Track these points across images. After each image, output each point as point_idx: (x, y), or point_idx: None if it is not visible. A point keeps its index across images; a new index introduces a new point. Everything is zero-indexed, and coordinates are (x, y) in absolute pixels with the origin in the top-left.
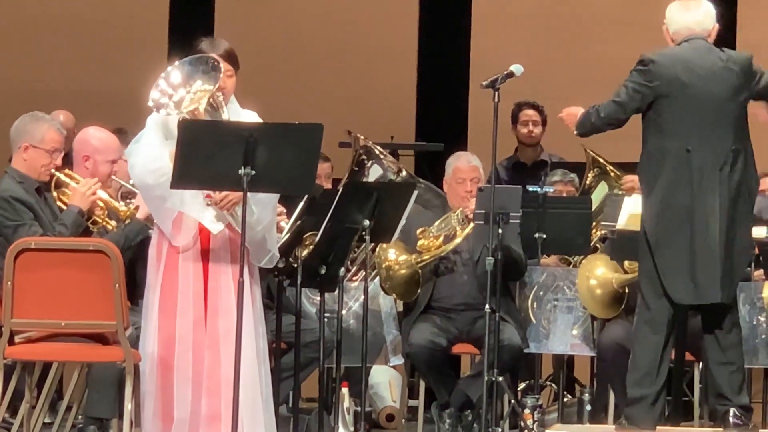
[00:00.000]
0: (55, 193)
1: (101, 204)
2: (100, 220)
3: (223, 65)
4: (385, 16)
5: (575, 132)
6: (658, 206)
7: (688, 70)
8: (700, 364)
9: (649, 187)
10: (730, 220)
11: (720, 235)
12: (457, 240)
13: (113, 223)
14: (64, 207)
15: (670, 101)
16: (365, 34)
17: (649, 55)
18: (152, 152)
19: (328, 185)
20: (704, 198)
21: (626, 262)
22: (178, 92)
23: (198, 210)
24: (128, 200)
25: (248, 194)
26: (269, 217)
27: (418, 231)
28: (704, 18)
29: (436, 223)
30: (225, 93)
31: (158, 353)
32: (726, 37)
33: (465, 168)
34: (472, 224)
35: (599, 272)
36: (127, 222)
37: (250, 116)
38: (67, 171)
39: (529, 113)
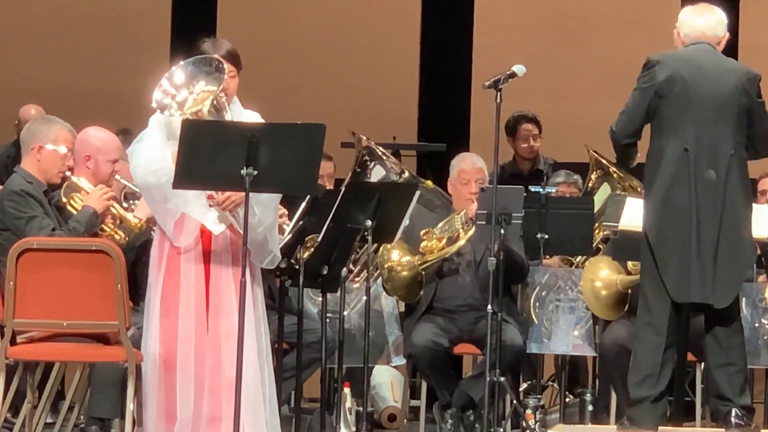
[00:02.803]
0: (64, 199)
1: (114, 212)
2: (109, 230)
3: (226, 66)
4: (387, 17)
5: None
6: (658, 204)
7: (691, 70)
8: (702, 364)
9: (649, 186)
10: (730, 225)
11: (717, 238)
12: (461, 242)
13: (121, 233)
14: (74, 211)
15: (671, 100)
16: (368, 34)
17: (654, 56)
18: (154, 153)
19: (330, 185)
20: (703, 198)
21: (630, 263)
22: (180, 93)
23: (200, 211)
24: (131, 201)
25: (250, 195)
26: (271, 218)
27: (422, 232)
28: (716, 24)
29: (440, 224)
30: (227, 94)
31: (160, 353)
32: (728, 37)
33: (469, 169)
34: (474, 227)
35: (603, 274)
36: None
37: (252, 117)
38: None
39: (529, 127)
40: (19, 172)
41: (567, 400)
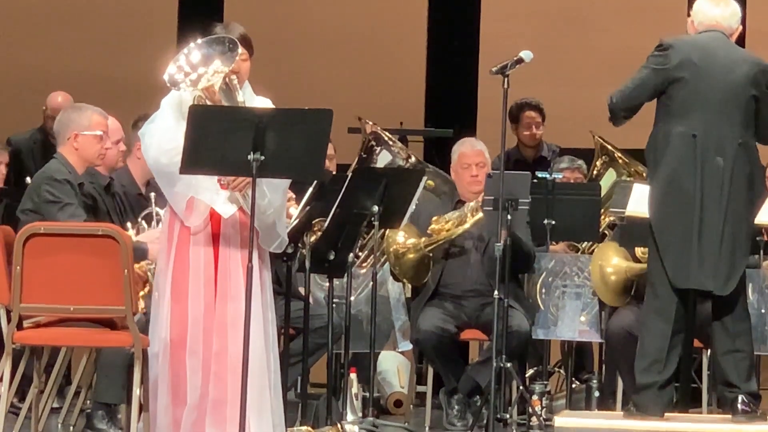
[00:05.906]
0: (132, 232)
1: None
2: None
3: (239, 47)
4: (394, 2)
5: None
6: (663, 189)
7: (703, 56)
8: (708, 351)
9: (654, 170)
10: (734, 213)
11: (721, 226)
12: (466, 225)
13: (142, 304)
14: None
15: (681, 85)
16: (375, 19)
17: (668, 40)
18: (167, 133)
19: (331, 167)
20: (709, 185)
21: (639, 250)
22: (195, 72)
23: (209, 193)
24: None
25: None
26: (280, 201)
27: (433, 220)
28: (731, 16)
29: (451, 213)
30: (239, 77)
31: (171, 338)
32: (740, 30)
33: (470, 153)
34: (481, 213)
35: (614, 261)
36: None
37: (263, 103)
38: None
39: (532, 115)
40: (59, 159)
41: (573, 386)
